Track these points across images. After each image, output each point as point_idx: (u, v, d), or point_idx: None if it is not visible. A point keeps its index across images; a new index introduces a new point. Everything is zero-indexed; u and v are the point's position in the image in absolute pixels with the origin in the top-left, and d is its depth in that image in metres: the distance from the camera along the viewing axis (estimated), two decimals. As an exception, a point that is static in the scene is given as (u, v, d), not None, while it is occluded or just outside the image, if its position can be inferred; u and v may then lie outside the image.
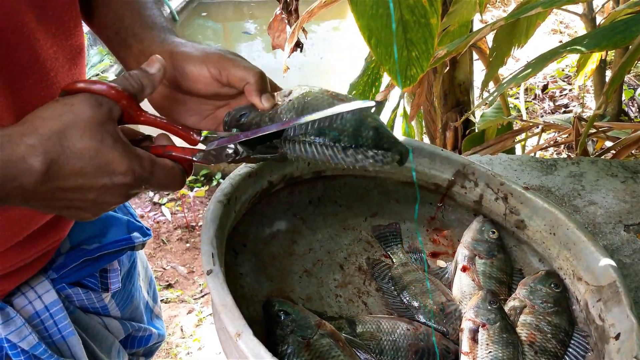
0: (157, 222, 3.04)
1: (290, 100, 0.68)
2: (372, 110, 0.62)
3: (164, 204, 3.17)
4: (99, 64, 4.43)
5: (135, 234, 0.90)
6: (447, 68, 2.16)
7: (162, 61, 0.63)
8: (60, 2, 0.68)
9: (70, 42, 0.71)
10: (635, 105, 3.54)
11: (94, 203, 0.59)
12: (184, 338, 2.40)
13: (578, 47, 1.11)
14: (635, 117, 3.47)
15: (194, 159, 0.64)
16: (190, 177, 3.25)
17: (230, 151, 0.65)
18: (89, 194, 0.57)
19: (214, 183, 3.30)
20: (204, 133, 0.66)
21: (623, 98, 3.42)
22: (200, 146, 0.66)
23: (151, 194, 3.27)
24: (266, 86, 0.69)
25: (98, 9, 0.76)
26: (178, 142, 0.66)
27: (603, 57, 2.59)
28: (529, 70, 1.24)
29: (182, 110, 0.72)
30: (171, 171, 0.62)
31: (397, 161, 0.64)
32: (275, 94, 0.71)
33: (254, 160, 0.68)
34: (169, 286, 2.68)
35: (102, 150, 0.56)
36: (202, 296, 2.63)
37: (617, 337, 0.74)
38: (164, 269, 2.78)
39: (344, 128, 0.63)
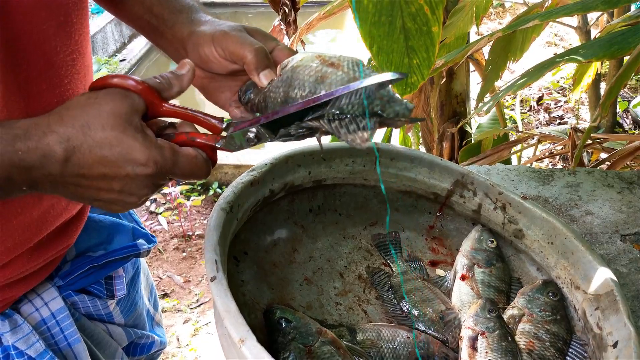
0: (154, 231, 3.03)
1: (282, 72, 0.67)
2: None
3: (160, 213, 3.17)
4: (97, 73, 4.44)
5: (141, 240, 0.91)
6: (444, 79, 2.18)
7: (191, 64, 0.65)
8: (75, 9, 0.69)
9: (82, 49, 0.72)
10: (630, 117, 3.57)
11: (120, 193, 0.60)
12: (179, 348, 2.39)
13: (575, 57, 1.13)
14: (630, 128, 3.50)
15: (217, 145, 0.64)
16: (187, 187, 3.25)
17: (252, 135, 0.65)
18: (113, 184, 0.58)
19: (211, 192, 3.30)
20: (226, 120, 0.67)
21: (617, 110, 3.45)
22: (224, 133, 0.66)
23: (148, 203, 3.27)
24: (265, 62, 0.68)
25: (127, 1, 0.78)
26: (202, 131, 0.66)
27: (599, 71, 2.61)
28: (526, 79, 1.26)
29: (216, 88, 0.75)
30: (194, 160, 0.62)
31: (390, 124, 0.62)
32: (279, 66, 0.69)
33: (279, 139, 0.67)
34: (165, 295, 2.67)
35: (124, 140, 0.57)
36: (198, 305, 2.62)
37: (614, 345, 0.75)
38: (160, 278, 2.78)
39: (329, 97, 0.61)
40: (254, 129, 0.64)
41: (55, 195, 0.64)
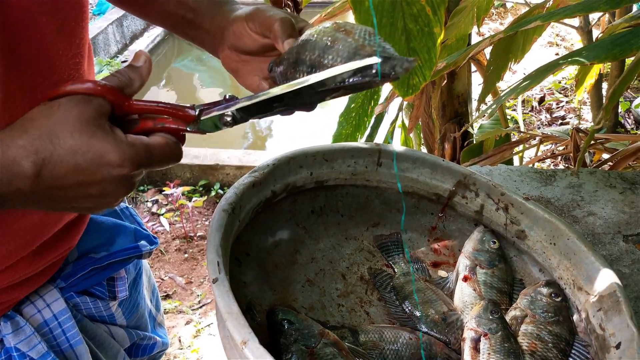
0: (156, 233, 3.04)
1: (298, 41, 0.69)
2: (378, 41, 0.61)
3: (162, 215, 3.17)
4: (99, 74, 4.45)
5: (143, 242, 0.91)
6: (445, 80, 2.18)
7: (146, 54, 0.64)
8: (76, 13, 0.69)
9: (84, 53, 0.72)
10: (632, 117, 3.57)
11: (99, 197, 0.58)
12: (182, 349, 2.39)
13: (578, 59, 1.13)
14: (632, 128, 3.49)
15: (188, 128, 0.63)
16: (189, 188, 3.25)
17: (228, 119, 0.64)
18: (90, 189, 0.57)
19: (213, 193, 3.30)
20: (197, 106, 0.65)
21: (620, 110, 3.44)
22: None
23: (149, 204, 3.27)
24: (289, 31, 0.71)
25: (157, 0, 0.80)
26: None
27: (602, 72, 2.61)
28: (528, 82, 1.26)
29: (247, 70, 0.78)
30: (167, 147, 0.60)
31: (392, 74, 0.61)
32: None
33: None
34: (167, 297, 2.67)
35: (95, 144, 0.55)
36: (200, 307, 2.62)
37: (617, 346, 0.75)
38: (162, 279, 2.78)
39: (334, 63, 0.62)
40: (229, 112, 0.64)
41: (28, 209, 0.63)
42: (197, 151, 3.40)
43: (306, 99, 0.65)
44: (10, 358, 0.78)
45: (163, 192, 3.16)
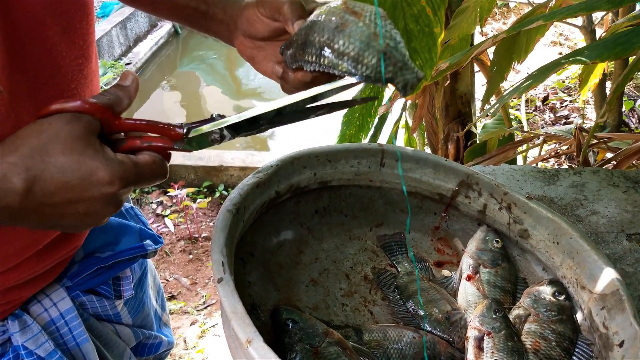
0: (160, 234, 3.05)
1: (307, 20, 0.69)
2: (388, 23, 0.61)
3: (166, 216, 3.18)
4: (103, 77, 4.46)
5: (148, 241, 0.91)
6: (449, 80, 2.18)
7: (133, 74, 0.65)
8: (81, 15, 0.70)
9: (88, 54, 0.73)
10: (636, 116, 3.56)
11: (86, 215, 0.58)
12: (187, 350, 2.40)
13: (580, 58, 1.13)
14: (636, 127, 3.48)
15: (175, 146, 0.63)
16: (193, 189, 3.26)
17: (216, 136, 0.64)
18: (78, 207, 0.57)
19: (217, 195, 3.31)
20: (185, 124, 0.65)
21: (623, 109, 3.44)
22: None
23: (154, 205, 3.28)
24: (298, 12, 0.71)
25: None
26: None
27: (605, 71, 2.61)
28: (531, 81, 1.26)
29: (263, 57, 0.79)
30: (154, 165, 0.61)
31: (398, 90, 0.63)
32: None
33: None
34: (172, 298, 2.68)
35: (85, 162, 0.55)
36: (205, 307, 2.63)
37: (621, 344, 0.75)
38: (167, 280, 2.79)
39: (345, 50, 0.62)
40: (217, 129, 0.64)
41: (14, 226, 0.62)
42: (201, 153, 3.41)
43: (293, 117, 0.65)
44: (18, 356, 0.79)
45: (167, 194, 3.17)
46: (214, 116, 0.66)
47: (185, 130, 0.64)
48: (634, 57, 1.15)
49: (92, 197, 0.56)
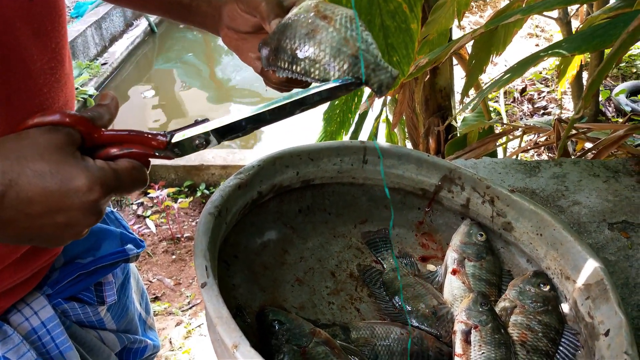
0: (142, 235, 3.02)
1: (283, 19, 0.68)
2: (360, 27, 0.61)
3: (148, 217, 3.15)
4: (78, 78, 4.40)
5: (129, 246, 0.90)
6: (428, 75, 2.18)
7: (112, 94, 0.63)
8: (52, 17, 0.68)
9: (60, 57, 0.71)
10: (612, 105, 3.61)
11: (66, 226, 0.56)
12: (173, 350, 2.38)
13: (559, 51, 1.14)
14: (613, 116, 3.53)
15: (156, 153, 0.62)
16: (174, 189, 3.24)
17: (200, 140, 0.63)
18: (58, 217, 0.54)
19: (198, 194, 3.28)
20: (168, 132, 0.64)
21: (600, 99, 3.48)
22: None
23: (135, 207, 3.25)
24: (275, 10, 0.71)
25: None
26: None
27: (583, 63, 2.64)
28: (510, 75, 1.27)
29: (246, 48, 0.79)
30: (134, 172, 0.59)
31: (374, 91, 0.63)
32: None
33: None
34: (156, 299, 2.66)
35: (64, 168, 0.53)
36: (190, 307, 2.61)
37: (606, 333, 0.76)
38: (150, 281, 2.76)
39: (317, 58, 0.62)
40: (201, 134, 0.63)
41: None
42: (181, 152, 3.37)
43: (278, 116, 0.64)
44: None
45: (148, 195, 3.14)
46: (197, 120, 0.64)
47: (168, 138, 0.62)
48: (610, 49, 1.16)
49: (72, 205, 0.54)
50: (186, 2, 0.82)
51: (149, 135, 0.62)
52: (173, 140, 0.62)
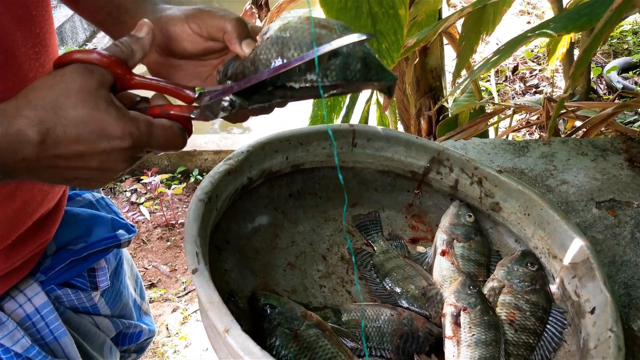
0: (136, 222, 3.02)
1: (268, 37, 0.66)
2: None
3: (141, 204, 3.15)
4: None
5: (121, 231, 0.90)
6: (418, 57, 2.18)
7: (150, 24, 0.64)
8: (36, 3, 0.68)
9: (45, 42, 0.71)
10: (604, 82, 3.61)
11: (98, 170, 0.59)
12: (169, 337, 2.40)
13: (546, 31, 1.14)
14: (604, 94, 3.54)
15: (192, 115, 0.64)
16: (167, 175, 3.23)
17: (225, 104, 0.64)
18: (91, 161, 0.58)
19: (192, 180, 3.28)
20: (198, 89, 0.66)
21: (592, 76, 3.48)
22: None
23: (128, 194, 3.24)
24: (245, 32, 0.68)
25: None
26: (174, 102, 0.65)
27: (573, 40, 2.63)
28: (499, 55, 1.27)
29: (181, 76, 0.74)
30: (170, 130, 0.61)
31: (385, 93, 0.66)
32: (258, 36, 0.68)
33: (252, 111, 0.68)
34: (152, 285, 2.67)
35: (96, 115, 0.56)
36: (186, 294, 2.63)
37: (592, 311, 0.77)
38: (146, 268, 2.77)
39: (330, 64, 0.62)
40: (227, 97, 0.64)
41: (33, 180, 0.63)
42: (173, 138, 3.36)
43: (305, 94, 0.64)
44: None
45: (141, 181, 3.13)
46: (227, 83, 0.66)
47: (197, 95, 0.64)
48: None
49: (103, 150, 0.57)
50: (114, 15, 0.76)
51: (179, 88, 0.65)
52: (202, 103, 0.64)
